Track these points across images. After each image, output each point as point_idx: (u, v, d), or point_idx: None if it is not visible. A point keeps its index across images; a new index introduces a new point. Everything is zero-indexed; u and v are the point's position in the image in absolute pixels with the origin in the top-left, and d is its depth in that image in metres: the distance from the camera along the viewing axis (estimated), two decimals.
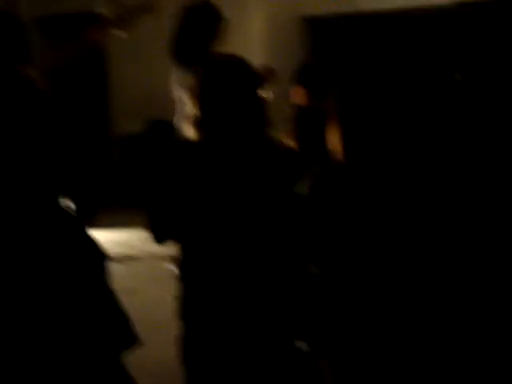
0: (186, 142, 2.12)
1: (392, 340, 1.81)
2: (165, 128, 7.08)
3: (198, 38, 3.71)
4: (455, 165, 2.17)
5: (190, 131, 1.99)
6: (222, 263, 1.87)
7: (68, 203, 2.24)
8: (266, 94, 2.63)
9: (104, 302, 2.15)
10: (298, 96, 5.08)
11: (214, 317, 1.86)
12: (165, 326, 3.28)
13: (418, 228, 1.83)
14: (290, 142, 2.71)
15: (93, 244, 2.22)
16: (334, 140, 1.99)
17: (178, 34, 3.85)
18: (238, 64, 2.00)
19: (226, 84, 1.94)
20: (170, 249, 2.08)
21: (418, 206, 1.85)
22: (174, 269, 2.04)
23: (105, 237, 4.22)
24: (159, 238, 1.96)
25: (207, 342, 1.87)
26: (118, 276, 2.81)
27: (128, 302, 2.34)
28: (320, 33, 8.22)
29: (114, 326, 2.12)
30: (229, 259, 1.86)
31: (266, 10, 7.50)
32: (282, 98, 3.53)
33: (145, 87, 7.73)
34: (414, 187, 1.88)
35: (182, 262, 1.96)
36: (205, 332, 1.87)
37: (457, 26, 7.12)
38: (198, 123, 1.97)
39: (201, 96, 1.96)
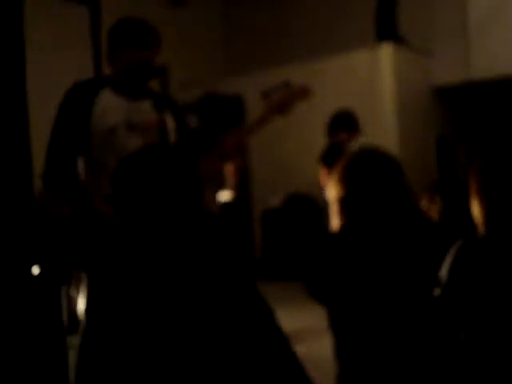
0: (330, 235, 2.19)
1: None
2: (303, 203, 7.59)
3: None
4: None
5: (334, 218, 2.09)
6: (372, 339, 1.96)
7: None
8: None
9: None
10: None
11: None
12: None
13: None
14: (432, 211, 2.80)
15: None
16: (475, 212, 2.07)
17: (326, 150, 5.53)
18: (383, 152, 2.15)
19: (373, 166, 2.07)
20: None
21: None
22: None
23: None
24: (313, 294, 2.07)
25: None
26: None
27: None
28: (454, 102, 8.33)
29: None
30: (379, 336, 1.95)
31: (398, 81, 7.59)
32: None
33: (283, 165, 8.09)
34: None
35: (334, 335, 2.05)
36: None
37: None
38: (343, 205, 2.07)
39: (348, 177, 2.06)
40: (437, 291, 1.96)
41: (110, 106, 2.68)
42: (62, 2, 6.93)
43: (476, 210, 2.07)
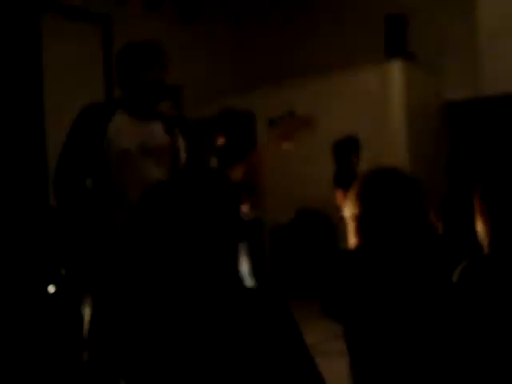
0: (347, 252, 2.19)
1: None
2: (313, 218, 7.58)
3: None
4: None
5: (351, 236, 2.10)
6: (390, 352, 1.95)
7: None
8: None
9: None
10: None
11: None
12: None
13: None
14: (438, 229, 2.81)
15: None
16: (480, 231, 2.08)
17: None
18: (400, 170, 2.16)
19: (390, 184, 2.07)
20: None
21: None
22: None
23: None
24: (328, 311, 2.07)
25: None
26: None
27: None
28: (464, 118, 8.32)
29: None
30: (396, 349, 1.94)
31: (407, 97, 7.61)
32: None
33: (292, 181, 8.08)
34: None
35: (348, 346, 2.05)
36: None
37: None
38: (360, 223, 2.07)
39: (365, 195, 2.07)
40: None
41: (124, 129, 2.70)
42: (75, 21, 7.01)
43: (480, 228, 2.08)
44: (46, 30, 6.51)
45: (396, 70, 7.56)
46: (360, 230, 2.07)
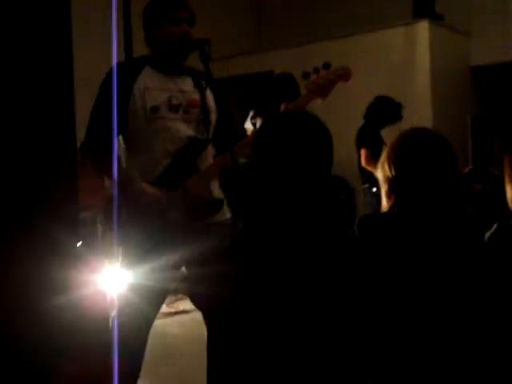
0: (380, 215, 2.15)
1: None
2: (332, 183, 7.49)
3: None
4: None
5: (384, 198, 2.06)
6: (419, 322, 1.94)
7: None
8: None
9: None
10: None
11: None
12: None
13: None
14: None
15: None
16: (509, 197, 2.06)
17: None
18: (435, 132, 2.12)
19: (425, 146, 2.03)
20: None
21: None
22: None
23: None
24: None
25: None
26: None
27: None
28: (490, 83, 8.23)
29: None
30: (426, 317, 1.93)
31: (433, 59, 7.47)
32: None
33: None
34: None
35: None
36: None
37: None
38: (393, 185, 2.05)
39: (399, 157, 2.04)
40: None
41: (152, 85, 2.69)
42: None
43: (510, 194, 2.07)
44: None
45: (423, 31, 7.44)
46: (393, 193, 2.05)
